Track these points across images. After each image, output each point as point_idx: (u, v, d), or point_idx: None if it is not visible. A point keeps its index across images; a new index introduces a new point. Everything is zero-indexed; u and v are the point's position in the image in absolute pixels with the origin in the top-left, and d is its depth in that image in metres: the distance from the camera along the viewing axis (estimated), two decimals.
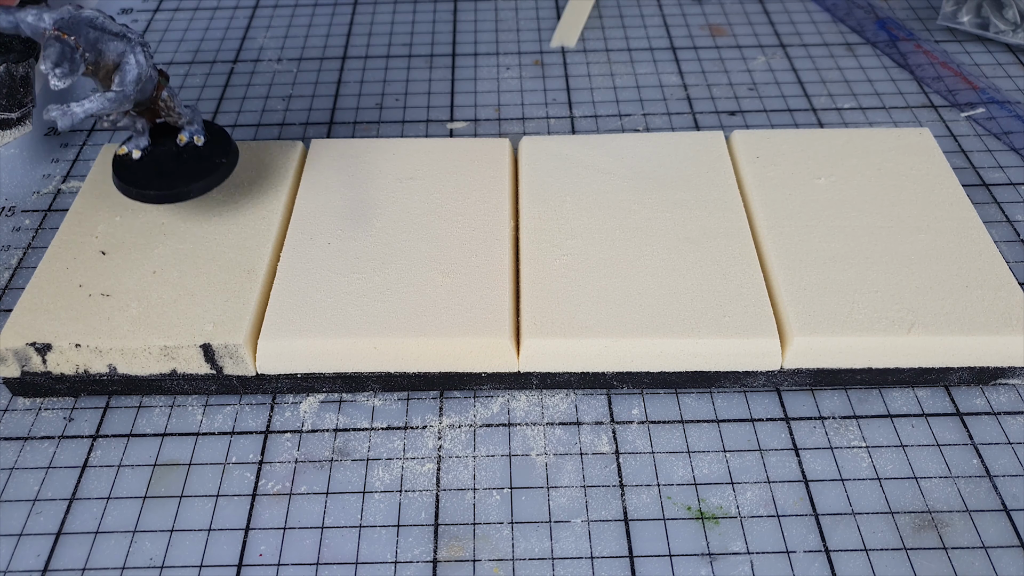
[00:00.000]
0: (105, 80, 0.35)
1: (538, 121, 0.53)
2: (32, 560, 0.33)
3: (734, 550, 0.33)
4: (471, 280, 0.38)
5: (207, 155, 0.40)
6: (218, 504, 0.35)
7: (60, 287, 0.38)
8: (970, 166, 0.49)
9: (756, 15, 0.63)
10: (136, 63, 0.35)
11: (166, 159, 0.40)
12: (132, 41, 0.35)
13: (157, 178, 0.39)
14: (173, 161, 0.40)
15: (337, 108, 0.55)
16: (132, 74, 0.35)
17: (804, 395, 0.38)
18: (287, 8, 0.66)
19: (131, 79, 0.35)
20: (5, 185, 0.50)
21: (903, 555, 0.32)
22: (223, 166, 0.39)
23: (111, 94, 0.35)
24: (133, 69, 0.35)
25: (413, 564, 0.33)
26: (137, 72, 0.35)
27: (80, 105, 0.34)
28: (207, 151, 0.40)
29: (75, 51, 0.33)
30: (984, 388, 0.38)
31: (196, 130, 0.40)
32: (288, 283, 0.39)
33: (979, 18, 0.59)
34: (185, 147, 0.40)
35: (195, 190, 0.39)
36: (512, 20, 0.64)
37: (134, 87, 0.35)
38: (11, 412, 0.38)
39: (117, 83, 0.35)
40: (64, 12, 0.33)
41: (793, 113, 0.53)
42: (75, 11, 0.34)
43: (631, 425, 0.37)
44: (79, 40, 0.33)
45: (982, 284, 0.38)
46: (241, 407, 0.38)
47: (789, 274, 0.39)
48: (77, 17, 0.34)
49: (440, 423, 0.37)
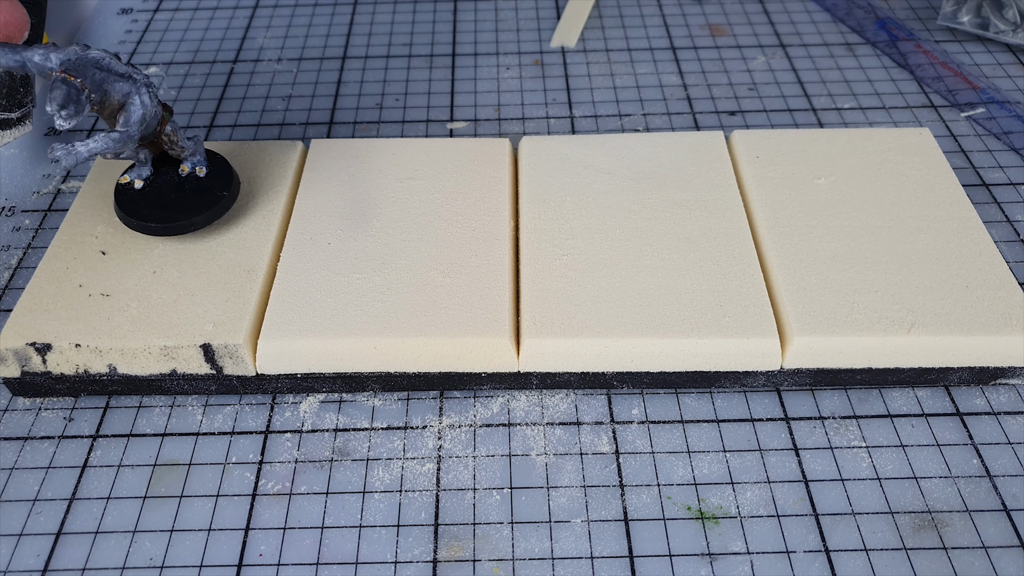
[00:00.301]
0: (110, 119, 0.36)
1: (538, 121, 0.53)
2: (32, 560, 0.33)
3: (734, 550, 0.33)
4: (471, 280, 0.38)
5: (209, 187, 0.40)
6: (218, 504, 0.35)
7: (60, 287, 0.38)
8: (970, 166, 0.49)
9: (756, 15, 0.63)
10: (141, 104, 0.35)
11: (168, 190, 0.40)
12: (137, 82, 0.35)
13: (158, 210, 0.39)
14: (175, 192, 0.40)
15: (337, 108, 0.55)
16: (136, 115, 0.35)
17: (804, 395, 0.38)
18: (287, 8, 0.66)
19: (135, 119, 0.35)
20: (5, 185, 0.50)
21: (903, 555, 0.32)
22: (225, 199, 0.40)
23: (115, 134, 0.35)
24: (138, 110, 0.35)
25: (413, 564, 0.33)
26: (141, 113, 0.35)
27: (84, 145, 0.34)
28: (209, 182, 0.40)
29: (81, 92, 0.33)
30: (984, 388, 0.38)
31: (199, 161, 0.41)
32: (288, 283, 0.39)
33: (979, 18, 0.59)
34: (187, 177, 0.40)
35: (196, 223, 0.39)
36: (512, 20, 0.64)
37: (138, 127, 0.36)
38: (11, 412, 0.38)
39: (122, 123, 0.35)
40: (71, 53, 0.34)
41: (793, 113, 0.53)
42: (82, 52, 0.34)
43: (631, 425, 0.37)
44: (85, 81, 0.33)
45: (982, 284, 0.38)
46: (241, 407, 0.38)
47: (789, 274, 0.39)
48: (84, 58, 0.34)
49: (440, 423, 0.37)
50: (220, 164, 0.41)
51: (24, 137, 0.53)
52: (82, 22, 0.64)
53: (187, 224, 0.39)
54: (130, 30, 0.64)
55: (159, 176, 0.41)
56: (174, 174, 0.41)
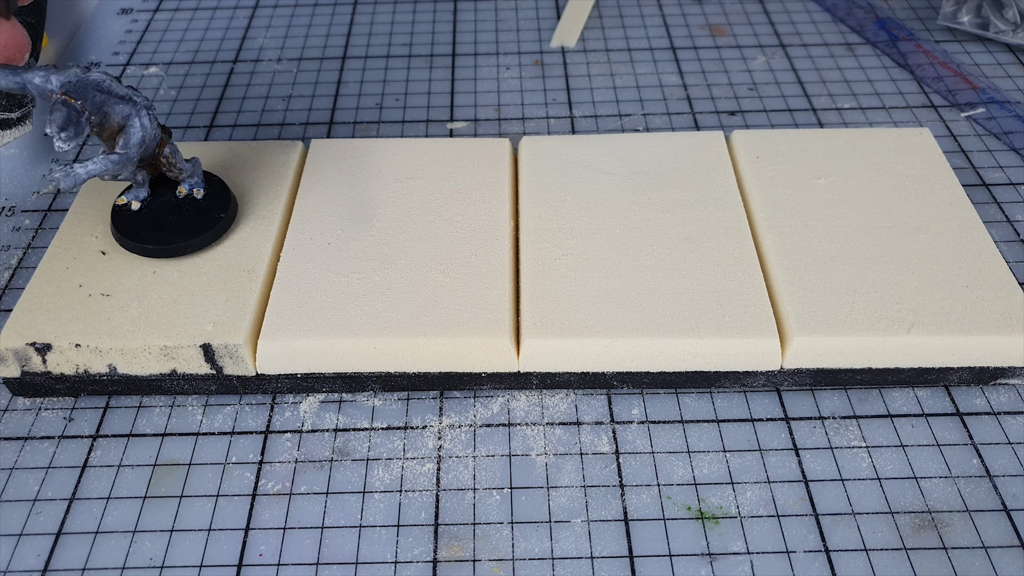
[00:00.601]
0: (109, 141, 0.36)
1: (538, 121, 0.53)
2: (32, 560, 0.33)
3: (734, 550, 0.33)
4: (471, 280, 0.38)
5: (206, 208, 0.40)
6: (218, 504, 0.35)
7: (60, 287, 0.38)
8: (970, 166, 0.49)
9: (756, 15, 0.63)
10: (140, 126, 0.36)
11: (165, 211, 0.40)
12: (137, 104, 0.36)
13: (155, 232, 0.39)
14: (172, 213, 0.40)
15: (337, 108, 0.55)
16: (136, 137, 0.36)
17: (804, 395, 0.38)
18: (287, 8, 0.66)
19: (135, 142, 0.36)
20: (5, 185, 0.50)
21: (903, 555, 0.32)
22: (221, 221, 0.40)
23: (115, 156, 0.35)
24: (137, 132, 0.35)
25: (413, 564, 0.33)
26: (141, 135, 0.36)
27: (83, 166, 0.34)
28: (206, 204, 0.40)
29: (81, 114, 0.33)
30: (984, 388, 0.38)
31: (196, 183, 0.41)
32: (288, 283, 0.39)
33: (979, 18, 0.59)
34: (184, 199, 0.40)
35: (192, 246, 0.39)
36: (512, 20, 0.64)
37: (137, 150, 0.36)
38: (11, 412, 0.38)
39: (121, 145, 0.36)
40: (71, 75, 0.34)
41: (793, 113, 0.53)
42: (82, 74, 0.34)
43: (631, 425, 0.37)
44: (85, 104, 0.34)
45: (982, 284, 0.38)
46: (241, 407, 0.38)
47: (789, 274, 0.39)
48: (84, 80, 0.34)
49: (440, 423, 0.37)
50: (218, 185, 0.41)
51: (24, 137, 0.53)
52: (82, 22, 0.64)
53: (183, 246, 0.39)
54: (130, 30, 0.64)
55: (156, 197, 0.41)
56: (171, 195, 0.41)
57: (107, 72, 0.35)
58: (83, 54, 0.61)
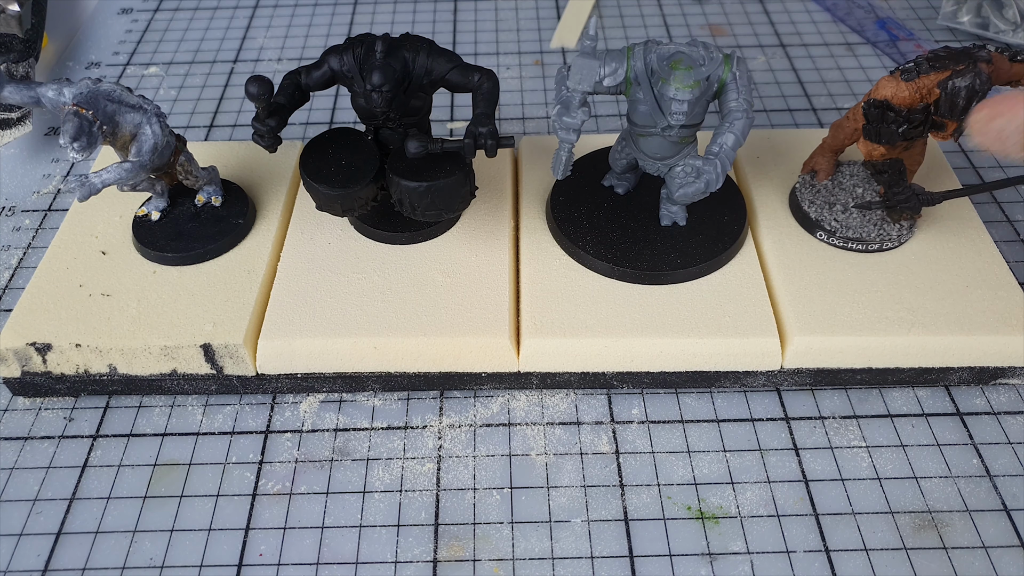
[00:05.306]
0: (122, 150, 0.37)
1: (538, 121, 0.53)
2: (32, 560, 0.33)
3: (734, 550, 0.33)
4: (471, 280, 0.38)
5: (225, 215, 0.41)
6: (218, 504, 0.35)
7: (60, 287, 0.38)
8: (970, 166, 0.49)
9: (756, 15, 0.63)
10: (152, 133, 0.36)
11: (184, 220, 0.41)
12: (148, 112, 0.36)
13: (175, 240, 0.40)
14: (191, 222, 0.40)
15: (337, 108, 0.55)
16: (148, 144, 0.36)
17: (804, 395, 0.38)
18: (287, 8, 0.66)
19: (147, 149, 0.36)
20: (5, 185, 0.50)
21: (903, 555, 0.32)
22: (240, 226, 0.40)
23: (128, 164, 0.36)
24: (149, 140, 0.36)
25: (413, 564, 0.33)
26: (153, 142, 0.36)
27: (98, 176, 0.35)
28: (225, 211, 0.41)
29: (93, 125, 0.34)
30: (984, 388, 0.38)
31: (214, 191, 0.41)
32: (288, 283, 0.39)
33: (979, 18, 0.59)
34: (203, 207, 0.41)
35: (212, 251, 0.40)
36: (512, 20, 0.64)
37: (150, 157, 0.36)
38: (11, 412, 0.38)
39: (134, 153, 0.36)
40: (83, 87, 0.35)
41: (793, 113, 0.53)
42: (93, 85, 0.35)
43: (631, 425, 0.37)
44: (97, 114, 0.34)
45: (982, 284, 0.38)
46: (241, 407, 0.38)
47: (789, 274, 0.39)
48: (95, 91, 0.35)
49: (440, 423, 0.37)
50: (235, 192, 0.42)
51: (24, 137, 0.53)
52: (82, 22, 0.64)
53: (203, 253, 0.39)
54: (130, 30, 0.64)
55: (175, 207, 0.41)
56: (191, 204, 0.41)
57: (118, 83, 0.36)
58: (83, 54, 0.61)
